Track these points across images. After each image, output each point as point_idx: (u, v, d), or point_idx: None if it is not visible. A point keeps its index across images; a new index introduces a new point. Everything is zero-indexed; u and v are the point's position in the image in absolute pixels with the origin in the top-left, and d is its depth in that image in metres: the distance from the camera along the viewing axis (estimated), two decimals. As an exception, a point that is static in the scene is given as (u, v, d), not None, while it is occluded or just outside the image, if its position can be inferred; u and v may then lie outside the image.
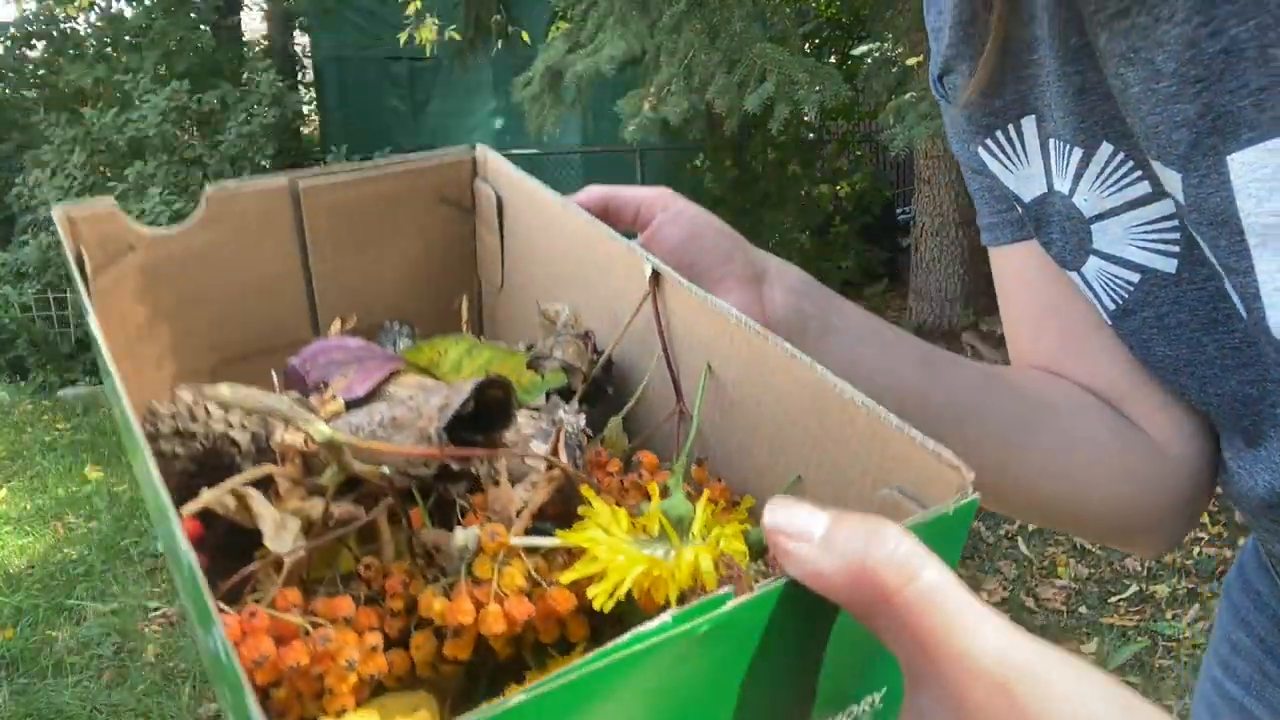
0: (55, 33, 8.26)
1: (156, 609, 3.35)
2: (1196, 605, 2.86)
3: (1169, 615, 2.83)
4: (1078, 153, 0.52)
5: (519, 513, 0.38)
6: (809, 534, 0.28)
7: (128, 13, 7.98)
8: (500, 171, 0.55)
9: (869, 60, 4.76)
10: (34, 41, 8.36)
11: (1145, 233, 0.51)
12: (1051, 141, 0.54)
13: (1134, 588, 3.00)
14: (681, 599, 0.33)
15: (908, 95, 3.88)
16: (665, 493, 0.38)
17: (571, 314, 0.50)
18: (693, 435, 0.44)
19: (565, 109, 4.65)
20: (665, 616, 0.26)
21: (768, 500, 0.30)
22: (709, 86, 3.92)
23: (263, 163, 6.23)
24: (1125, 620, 2.83)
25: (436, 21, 5.11)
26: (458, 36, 5.50)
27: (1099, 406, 0.59)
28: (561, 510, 0.39)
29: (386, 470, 0.37)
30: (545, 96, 4.58)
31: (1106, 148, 0.51)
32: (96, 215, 0.45)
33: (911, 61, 4.13)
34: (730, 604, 0.26)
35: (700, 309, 0.43)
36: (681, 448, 0.44)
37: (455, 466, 0.39)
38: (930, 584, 0.26)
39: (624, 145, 7.19)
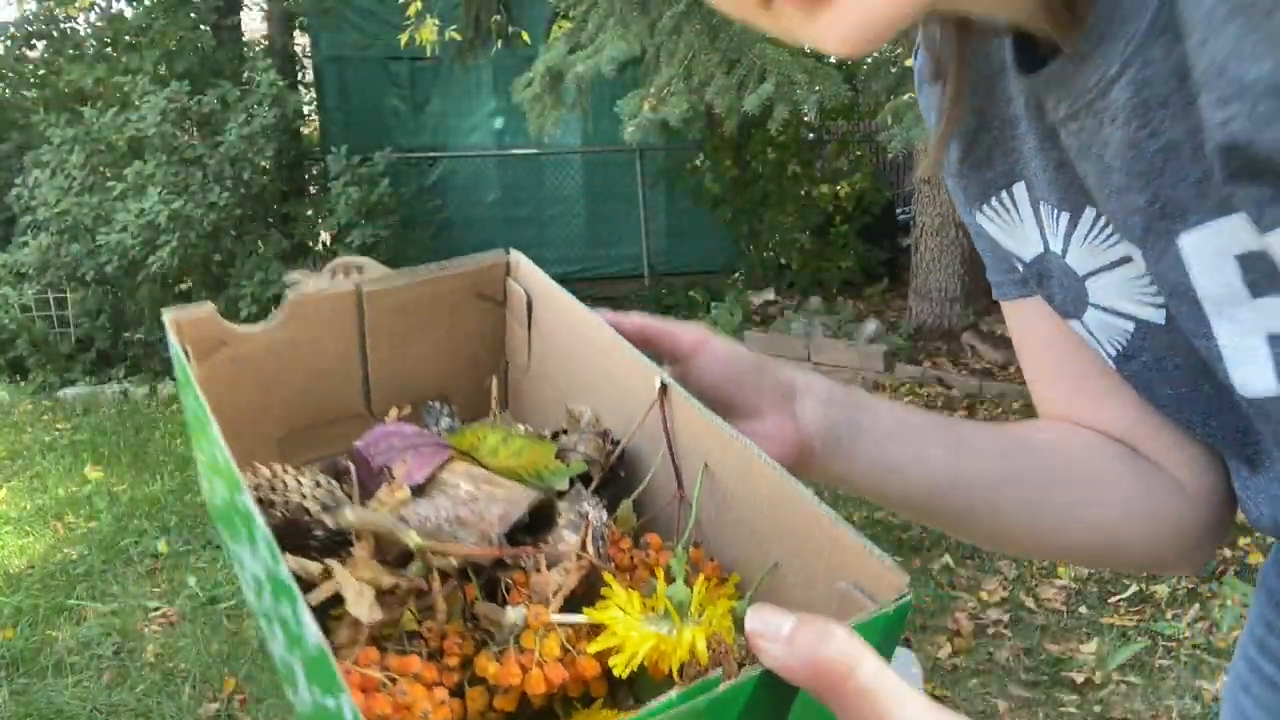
0: (55, 33, 8.26)
1: (156, 609, 3.35)
2: (1196, 605, 2.86)
3: (1169, 615, 2.83)
4: (1065, 216, 0.56)
5: (555, 593, 0.47)
6: (778, 635, 0.36)
7: (128, 13, 7.98)
8: (530, 274, 0.65)
9: (868, 60, 4.76)
10: (34, 41, 8.36)
11: (1134, 288, 0.55)
12: (1041, 205, 0.57)
13: (1134, 588, 3.00)
14: (681, 669, 0.42)
15: (906, 96, 3.88)
16: (669, 575, 0.48)
17: (593, 415, 0.60)
18: (692, 524, 0.53)
19: (565, 109, 4.65)
20: (671, 693, 0.35)
21: (751, 603, 0.43)
22: (709, 87, 3.92)
23: (263, 163, 6.23)
24: (1125, 620, 2.83)
25: (437, 22, 5.11)
26: (458, 37, 5.50)
27: (1120, 452, 0.63)
28: (587, 590, 0.48)
29: (454, 563, 0.48)
30: (545, 97, 4.58)
31: (1090, 212, 0.54)
32: (198, 318, 0.54)
33: (910, 62, 4.12)
34: (721, 686, 0.36)
35: (700, 420, 0.52)
36: (682, 532, 0.53)
37: (509, 561, 0.49)
38: (868, 675, 0.35)
39: (624, 145, 7.17)
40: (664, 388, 0.54)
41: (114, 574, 3.65)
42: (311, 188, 7.58)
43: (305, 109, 8.03)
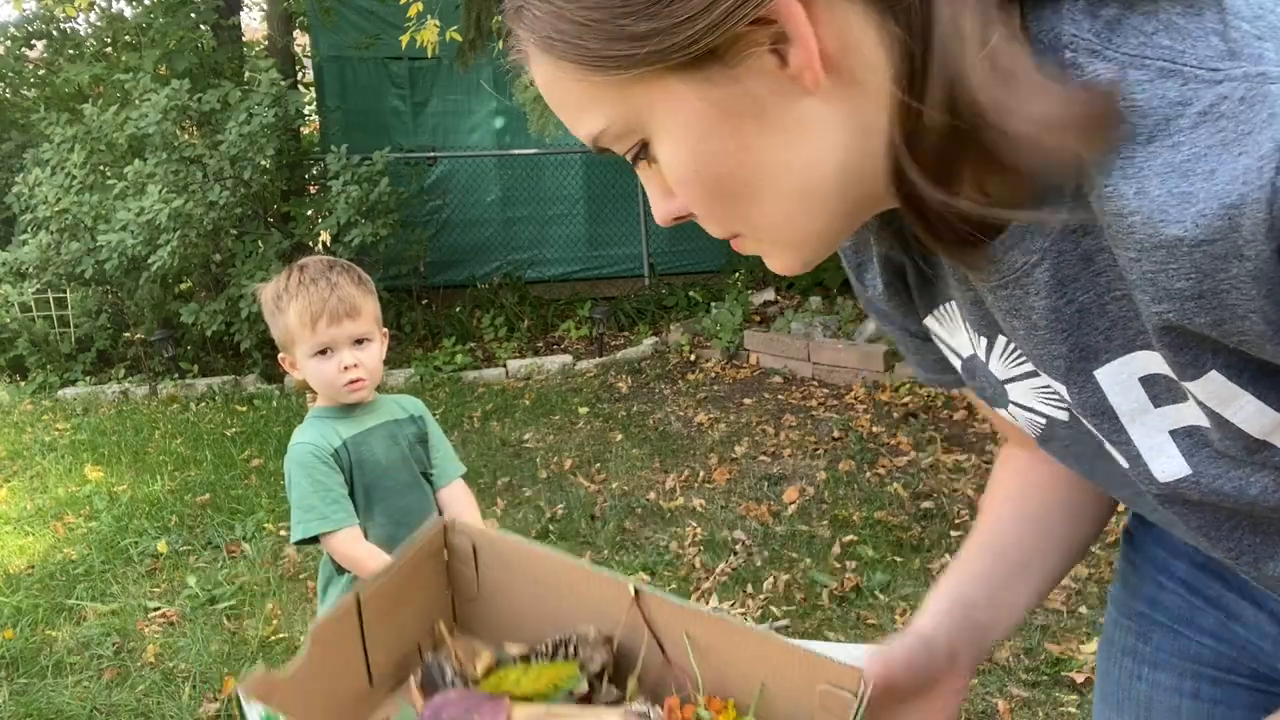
0: (55, 33, 8.26)
1: (156, 609, 3.35)
2: (1196, 606, 2.85)
3: (1169, 616, 2.83)
4: (984, 339, 0.69)
5: None
6: None
7: (128, 13, 7.98)
8: (467, 528, 0.85)
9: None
10: (34, 41, 8.36)
11: (1041, 395, 0.68)
12: (965, 322, 0.70)
13: (1134, 588, 3.00)
14: None
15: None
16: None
17: (597, 631, 0.78)
18: (700, 681, 0.72)
19: (565, 109, 4.64)
20: None
21: (754, 714, 0.71)
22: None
23: (263, 162, 6.23)
24: (1125, 621, 2.83)
25: (437, 24, 5.10)
26: (459, 38, 5.50)
27: (1065, 476, 0.81)
28: None
29: None
30: (545, 97, 4.57)
31: (1002, 338, 0.67)
32: (256, 679, 0.71)
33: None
34: None
35: (674, 606, 0.74)
36: (695, 687, 0.73)
37: None
38: None
39: (624, 145, 7.12)
40: (637, 593, 0.75)
41: (114, 574, 3.65)
42: (311, 187, 7.58)
43: (305, 109, 8.03)
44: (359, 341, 1.74)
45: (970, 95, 0.50)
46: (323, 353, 1.72)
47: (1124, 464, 0.65)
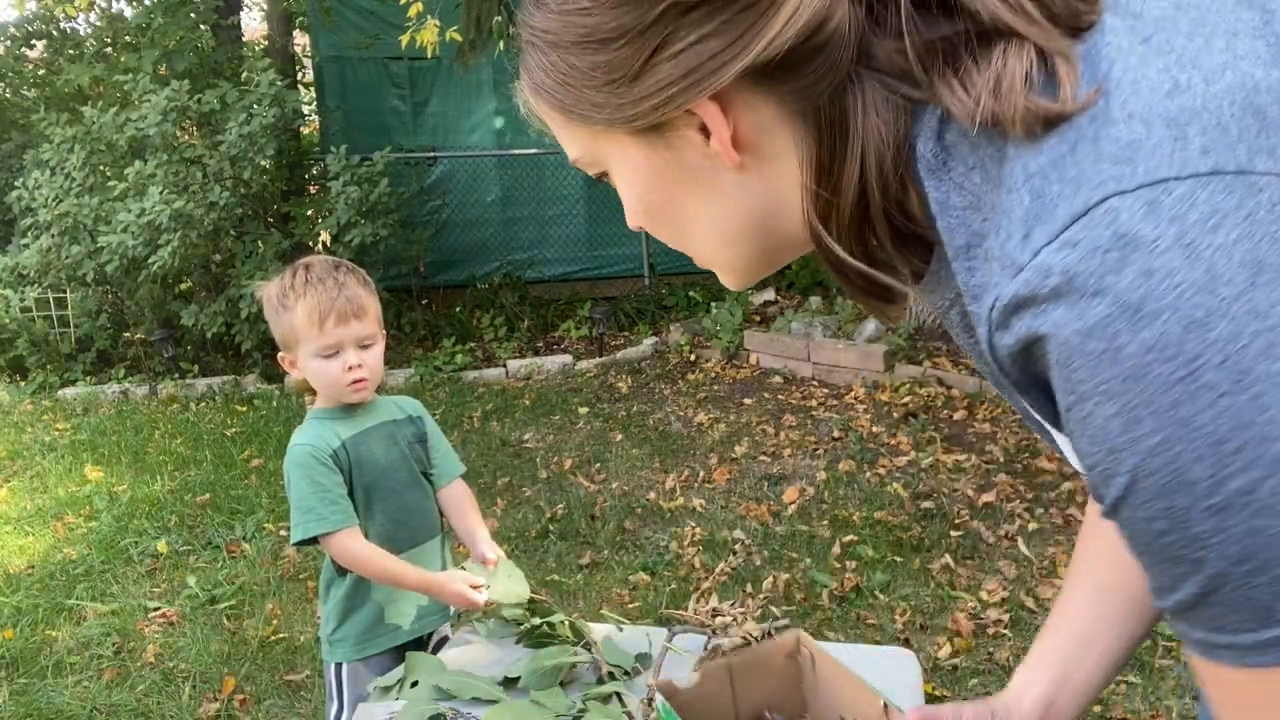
0: (55, 33, 8.26)
1: (156, 609, 3.35)
2: (1196, 605, 2.85)
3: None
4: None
5: None
6: None
7: (128, 13, 7.99)
8: (807, 641, 1.21)
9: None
10: (34, 41, 8.37)
11: None
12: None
13: (1134, 588, 2.99)
14: None
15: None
16: None
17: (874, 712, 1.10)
18: None
19: (565, 109, 4.64)
20: None
21: None
22: (709, 87, 3.90)
23: (263, 163, 6.22)
24: (1125, 620, 2.83)
25: (437, 24, 5.10)
26: (459, 38, 5.50)
27: None
28: None
29: None
30: (545, 97, 4.57)
31: None
32: (667, 683, 1.12)
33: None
34: None
35: None
36: None
37: None
38: None
39: (624, 145, 7.12)
40: (885, 706, 1.04)
41: (114, 574, 3.65)
42: (311, 187, 7.58)
43: (305, 109, 8.03)
44: (364, 346, 1.74)
45: (874, 191, 0.59)
46: (329, 355, 1.71)
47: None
